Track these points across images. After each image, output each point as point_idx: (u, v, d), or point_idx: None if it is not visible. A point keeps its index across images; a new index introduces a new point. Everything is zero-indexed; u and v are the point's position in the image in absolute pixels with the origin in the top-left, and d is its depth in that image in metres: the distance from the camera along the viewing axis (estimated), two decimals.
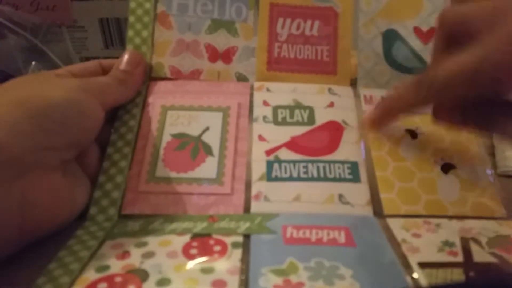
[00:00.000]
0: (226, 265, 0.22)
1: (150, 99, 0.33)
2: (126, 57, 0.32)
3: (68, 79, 0.28)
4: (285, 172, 0.29)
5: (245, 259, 0.22)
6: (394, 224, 0.26)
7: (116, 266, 0.22)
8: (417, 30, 0.36)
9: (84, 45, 0.47)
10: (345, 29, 0.35)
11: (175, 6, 0.35)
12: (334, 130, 0.31)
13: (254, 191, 0.28)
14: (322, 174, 0.29)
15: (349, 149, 0.30)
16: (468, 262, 0.22)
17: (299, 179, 0.29)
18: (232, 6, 0.36)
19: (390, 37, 0.36)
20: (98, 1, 0.45)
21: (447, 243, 0.24)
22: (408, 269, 0.22)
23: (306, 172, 0.29)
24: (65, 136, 0.25)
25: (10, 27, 0.39)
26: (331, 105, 0.33)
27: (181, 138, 0.30)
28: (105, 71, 0.32)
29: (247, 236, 0.24)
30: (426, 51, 0.35)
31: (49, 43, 0.42)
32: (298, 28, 0.35)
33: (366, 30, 0.36)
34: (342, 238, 0.24)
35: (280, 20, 0.35)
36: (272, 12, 0.36)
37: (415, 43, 0.36)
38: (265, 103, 0.33)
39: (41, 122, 0.23)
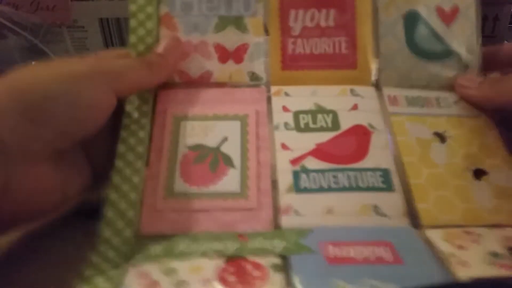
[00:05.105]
0: None
1: (160, 109, 0.31)
2: (164, 43, 0.32)
3: (79, 63, 0.28)
4: (314, 183, 0.28)
5: (289, 284, 0.22)
6: (434, 236, 0.26)
7: None
8: (439, 10, 0.35)
9: (84, 45, 0.48)
10: (364, 15, 0.34)
11: (179, 5, 0.34)
12: (362, 135, 0.31)
13: (282, 205, 0.27)
14: (354, 184, 0.28)
15: (379, 155, 0.30)
16: None
17: (329, 189, 0.28)
18: None
19: (412, 20, 0.34)
20: (98, 1, 0.47)
21: (495, 255, 0.24)
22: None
23: (336, 182, 0.28)
24: (55, 127, 0.25)
25: (10, 27, 0.40)
26: (355, 107, 0.32)
27: (199, 150, 0.29)
28: None
29: (283, 256, 0.24)
30: (448, 33, 0.34)
31: (49, 43, 0.44)
32: (312, 19, 0.34)
33: (387, 13, 0.34)
34: (389, 256, 0.24)
35: (292, 12, 0.34)
36: (283, 3, 0.34)
37: (437, 24, 0.34)
38: (285, 108, 0.32)
39: (30, 112, 0.24)
